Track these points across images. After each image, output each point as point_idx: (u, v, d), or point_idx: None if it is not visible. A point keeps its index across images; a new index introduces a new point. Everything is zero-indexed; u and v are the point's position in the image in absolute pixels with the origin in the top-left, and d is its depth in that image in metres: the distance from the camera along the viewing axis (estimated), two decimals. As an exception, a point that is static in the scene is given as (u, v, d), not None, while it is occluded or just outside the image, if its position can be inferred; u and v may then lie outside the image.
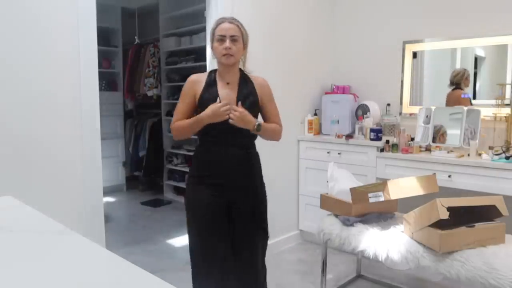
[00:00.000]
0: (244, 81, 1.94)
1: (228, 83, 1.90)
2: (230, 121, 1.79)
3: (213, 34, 1.89)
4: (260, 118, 1.95)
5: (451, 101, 3.11)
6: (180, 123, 1.90)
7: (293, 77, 3.44)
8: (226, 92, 1.88)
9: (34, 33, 2.05)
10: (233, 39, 1.84)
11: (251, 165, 1.93)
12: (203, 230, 1.88)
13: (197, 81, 1.92)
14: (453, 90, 3.12)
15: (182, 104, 1.92)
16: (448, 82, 3.18)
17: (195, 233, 1.90)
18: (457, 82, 3.09)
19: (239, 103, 1.83)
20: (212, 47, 1.91)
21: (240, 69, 1.96)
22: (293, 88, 3.46)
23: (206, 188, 1.87)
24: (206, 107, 1.83)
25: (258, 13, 3.13)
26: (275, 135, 2.02)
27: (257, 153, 1.99)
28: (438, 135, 2.87)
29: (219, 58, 1.87)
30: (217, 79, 1.92)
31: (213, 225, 1.87)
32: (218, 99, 1.83)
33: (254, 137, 1.96)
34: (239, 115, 1.79)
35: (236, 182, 1.89)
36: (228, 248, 1.90)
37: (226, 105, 1.78)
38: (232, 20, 1.88)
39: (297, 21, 3.47)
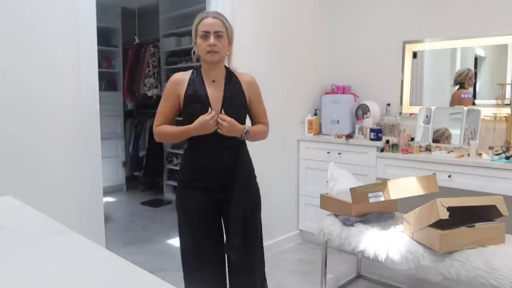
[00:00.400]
0: (230, 79, 1.86)
1: (213, 81, 1.83)
2: (219, 131, 1.76)
3: (196, 30, 1.79)
4: (247, 123, 1.90)
5: (455, 100, 3.10)
6: (164, 130, 1.84)
7: (293, 77, 3.44)
8: (212, 91, 1.81)
9: (34, 33, 2.05)
10: (218, 35, 1.75)
11: (238, 160, 1.84)
12: (197, 235, 1.85)
13: (180, 80, 1.84)
14: (458, 90, 3.11)
15: (164, 107, 1.85)
16: (448, 82, 3.19)
17: (188, 236, 1.87)
18: (461, 81, 3.07)
19: (222, 110, 1.78)
20: (195, 44, 1.81)
21: (225, 66, 1.89)
22: (293, 88, 3.46)
23: (196, 192, 1.83)
24: (192, 107, 1.78)
25: (258, 13, 3.13)
26: (261, 137, 1.96)
27: (247, 150, 1.92)
28: (443, 138, 2.85)
29: (203, 55, 1.78)
30: (202, 77, 1.84)
31: (205, 226, 1.85)
32: (209, 109, 1.77)
33: None
34: (227, 125, 1.75)
35: (226, 182, 1.83)
36: (221, 248, 1.88)
37: (214, 116, 1.74)
38: (216, 15, 1.79)
39: (298, 21, 3.46)
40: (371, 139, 3.10)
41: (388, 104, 3.40)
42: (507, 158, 2.53)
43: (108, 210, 4.23)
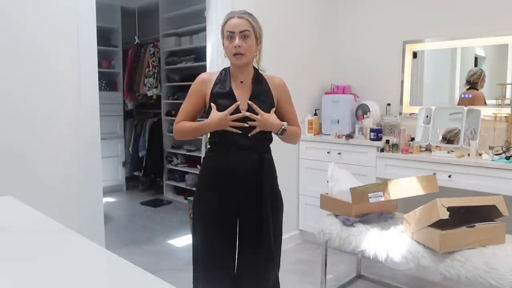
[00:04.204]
0: (259, 81, 1.81)
1: (241, 82, 1.78)
2: (256, 123, 1.69)
3: (222, 30, 1.75)
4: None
5: (466, 101, 3.03)
6: (183, 125, 1.79)
7: (293, 77, 3.43)
8: (239, 92, 1.76)
9: (34, 33, 2.05)
10: (244, 36, 1.70)
11: (263, 171, 1.77)
12: (213, 236, 1.79)
13: (207, 80, 1.79)
14: (468, 89, 3.05)
15: (188, 104, 1.81)
16: (448, 82, 3.19)
17: (201, 237, 1.81)
18: (474, 81, 3.02)
19: (248, 102, 1.71)
20: (223, 45, 1.76)
21: (254, 67, 1.83)
22: (293, 88, 3.40)
23: (215, 196, 1.76)
24: (217, 107, 1.72)
25: (258, 13, 3.09)
26: (294, 139, 1.90)
27: (272, 158, 1.85)
28: (456, 138, 2.82)
29: (230, 57, 1.74)
30: (230, 78, 1.79)
31: (220, 229, 1.78)
32: (236, 107, 1.69)
33: (270, 140, 1.85)
34: (260, 118, 1.68)
35: (247, 190, 1.76)
36: (233, 251, 1.84)
37: (232, 111, 1.68)
38: (242, 15, 1.73)
39: (298, 21, 3.46)
40: (371, 139, 3.10)
41: (388, 104, 3.40)
42: (507, 158, 2.53)
43: (108, 210, 4.23)
